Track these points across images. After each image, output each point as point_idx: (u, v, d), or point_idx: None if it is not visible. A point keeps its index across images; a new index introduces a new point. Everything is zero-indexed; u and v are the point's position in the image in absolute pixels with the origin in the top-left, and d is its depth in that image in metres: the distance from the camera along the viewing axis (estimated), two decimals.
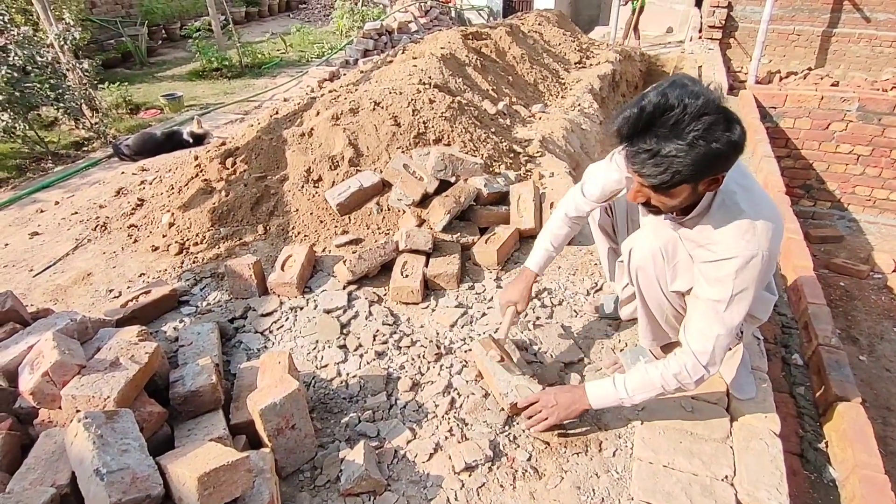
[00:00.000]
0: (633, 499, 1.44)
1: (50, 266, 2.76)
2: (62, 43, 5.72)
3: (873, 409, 3.40)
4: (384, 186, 2.70)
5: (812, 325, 2.34)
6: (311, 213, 2.67)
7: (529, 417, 1.59)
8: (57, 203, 3.71)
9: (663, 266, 1.44)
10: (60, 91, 5.16)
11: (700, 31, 8.85)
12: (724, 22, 8.56)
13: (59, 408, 1.44)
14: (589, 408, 1.53)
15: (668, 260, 1.44)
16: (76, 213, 3.40)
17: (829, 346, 2.22)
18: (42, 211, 3.61)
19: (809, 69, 8.54)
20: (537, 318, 2.10)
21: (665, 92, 1.11)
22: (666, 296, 1.49)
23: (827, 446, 1.94)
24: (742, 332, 1.58)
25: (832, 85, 7.29)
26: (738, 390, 1.69)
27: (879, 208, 5.92)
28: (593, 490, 1.48)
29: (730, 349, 1.59)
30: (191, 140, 4.71)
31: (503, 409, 1.68)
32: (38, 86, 5.01)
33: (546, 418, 1.56)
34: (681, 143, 1.10)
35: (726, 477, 1.47)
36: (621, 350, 1.93)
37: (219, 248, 2.61)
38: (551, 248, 1.76)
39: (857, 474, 1.73)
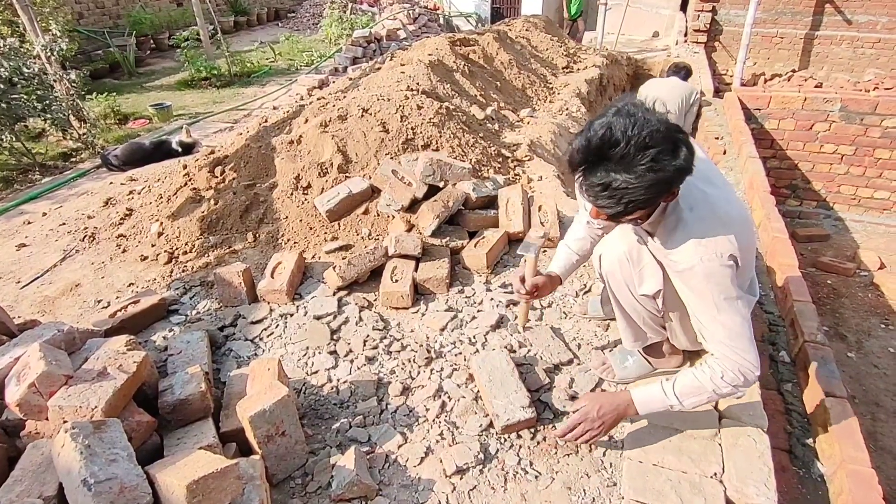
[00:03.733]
0: (623, 498, 1.45)
1: (37, 277, 2.73)
2: (49, 54, 5.69)
3: (862, 405, 3.43)
4: (373, 192, 2.71)
5: (798, 322, 2.37)
6: (301, 220, 2.67)
7: (576, 438, 1.48)
8: (44, 214, 3.68)
9: (630, 271, 1.47)
10: (47, 102, 5.12)
11: (685, 34, 8.96)
12: (708, 26, 8.67)
13: (46, 419, 1.43)
14: (636, 415, 1.46)
15: (634, 264, 1.46)
16: (64, 224, 3.37)
17: (815, 342, 2.25)
18: (29, 222, 3.58)
19: (793, 71, 8.66)
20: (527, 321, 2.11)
21: (610, 124, 1.11)
22: (637, 299, 1.52)
23: (814, 442, 1.96)
24: None
25: (815, 86, 7.41)
26: None
27: (864, 206, 6.00)
28: (584, 490, 1.49)
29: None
30: (179, 149, 4.69)
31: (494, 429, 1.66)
32: (25, 97, 4.98)
33: (596, 433, 1.46)
34: (630, 176, 1.10)
35: (715, 474, 1.48)
36: (610, 350, 1.95)
37: (208, 256, 2.60)
38: (569, 249, 1.73)
39: (844, 469, 1.75)
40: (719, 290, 1.27)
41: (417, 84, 3.66)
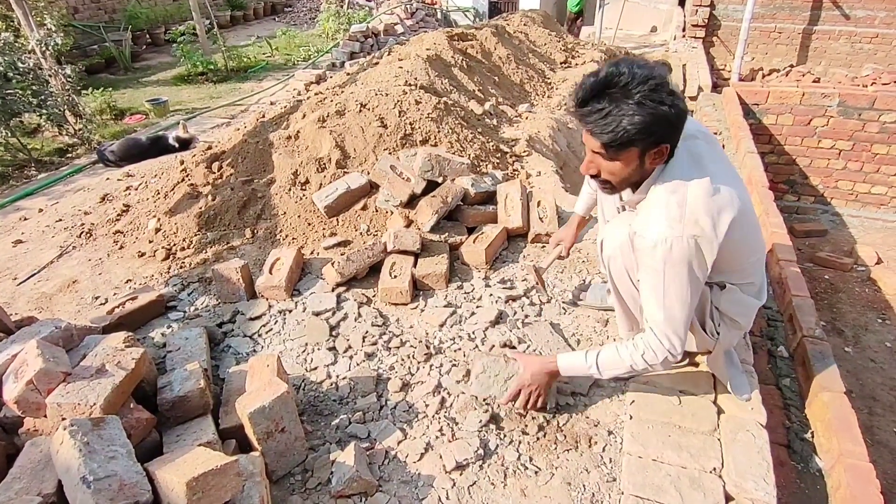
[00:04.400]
0: (623, 493, 1.45)
1: (34, 274, 2.72)
2: (44, 49, 5.65)
3: (859, 400, 3.45)
4: (371, 188, 2.70)
5: (796, 317, 2.37)
6: (299, 216, 2.66)
7: (522, 405, 1.65)
8: (41, 210, 3.66)
9: (630, 257, 1.48)
10: (43, 97, 5.10)
11: (684, 29, 8.95)
12: (707, 21, 8.66)
13: (45, 416, 1.43)
14: (557, 372, 1.59)
15: (633, 250, 1.47)
16: (60, 220, 3.36)
17: (814, 337, 2.25)
18: (26, 219, 3.56)
19: (791, 66, 8.66)
20: (526, 317, 2.11)
21: (616, 62, 1.26)
22: (635, 285, 1.54)
23: (813, 436, 1.97)
24: (719, 333, 1.58)
25: (814, 81, 7.40)
26: (736, 390, 1.70)
27: (861, 202, 6.01)
28: (584, 485, 1.49)
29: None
30: (176, 145, 4.67)
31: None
32: (20, 92, 4.95)
33: (536, 398, 1.62)
34: (630, 102, 1.21)
35: (714, 469, 1.48)
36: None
37: (206, 252, 2.59)
38: (592, 190, 1.93)
39: (842, 463, 1.75)
40: (669, 265, 1.31)
41: (415, 79, 3.64)
